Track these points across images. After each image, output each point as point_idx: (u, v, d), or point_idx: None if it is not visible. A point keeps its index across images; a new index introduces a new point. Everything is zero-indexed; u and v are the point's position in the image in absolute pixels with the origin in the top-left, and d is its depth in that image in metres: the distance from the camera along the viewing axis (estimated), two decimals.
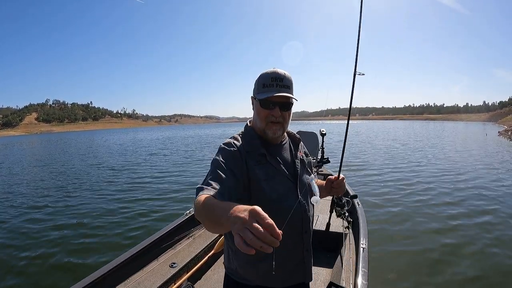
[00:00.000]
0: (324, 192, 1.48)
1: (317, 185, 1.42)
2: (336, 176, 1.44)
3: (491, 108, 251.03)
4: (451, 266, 3.98)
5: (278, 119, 1.19)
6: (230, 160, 1.15)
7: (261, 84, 1.19)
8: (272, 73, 1.18)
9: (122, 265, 2.43)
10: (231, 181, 1.08)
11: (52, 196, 8.63)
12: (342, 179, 1.44)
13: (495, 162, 12.71)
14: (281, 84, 1.16)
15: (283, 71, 1.19)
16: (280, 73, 1.17)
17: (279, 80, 1.16)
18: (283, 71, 1.19)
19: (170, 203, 7.23)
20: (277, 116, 1.18)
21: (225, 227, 0.76)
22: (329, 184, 1.46)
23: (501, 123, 74.43)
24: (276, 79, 1.16)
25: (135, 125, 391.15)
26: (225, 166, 1.12)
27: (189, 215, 3.30)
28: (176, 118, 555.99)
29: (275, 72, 1.18)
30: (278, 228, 1.22)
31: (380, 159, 14.06)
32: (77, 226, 5.93)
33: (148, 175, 11.26)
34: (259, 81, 1.21)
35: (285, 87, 1.17)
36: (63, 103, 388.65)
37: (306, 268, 1.31)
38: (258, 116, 1.23)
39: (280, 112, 1.18)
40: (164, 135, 55.40)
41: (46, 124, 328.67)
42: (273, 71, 1.18)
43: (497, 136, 30.98)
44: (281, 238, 0.63)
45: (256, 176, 1.17)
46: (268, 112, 1.18)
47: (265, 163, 1.21)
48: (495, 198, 6.99)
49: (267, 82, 1.17)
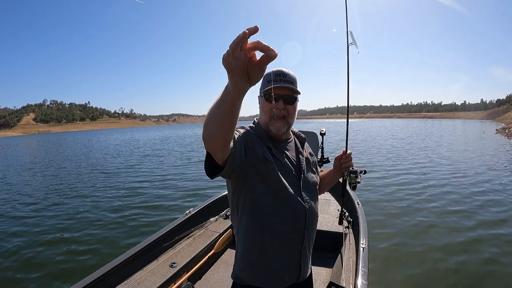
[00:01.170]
0: (335, 173, 1.53)
1: (325, 174, 1.56)
2: (344, 151, 1.50)
3: (489, 106, 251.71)
4: (452, 266, 3.97)
5: (282, 112, 1.23)
6: (243, 133, 1.20)
7: (265, 80, 1.25)
8: (276, 71, 1.23)
9: (122, 265, 2.43)
10: (239, 140, 1.12)
11: (41, 201, 8.43)
12: (350, 153, 1.49)
13: (497, 161, 12.75)
14: (285, 79, 1.21)
15: (287, 69, 1.24)
16: (284, 70, 1.23)
17: (282, 76, 1.21)
18: (287, 69, 1.24)
19: (163, 210, 6.96)
20: (280, 108, 1.22)
21: (225, 91, 0.75)
22: (338, 162, 1.50)
23: (499, 121, 74.59)
24: (280, 75, 1.22)
25: (133, 124, 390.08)
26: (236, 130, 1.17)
27: (189, 215, 3.30)
28: (174, 118, 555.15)
29: (279, 69, 1.23)
30: (281, 219, 1.24)
31: (380, 158, 14.09)
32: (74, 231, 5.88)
33: (145, 178, 10.99)
34: (264, 78, 1.25)
35: (288, 82, 1.22)
36: (60, 103, 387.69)
37: (303, 266, 1.32)
38: (263, 111, 1.28)
39: (284, 105, 1.23)
40: (161, 135, 55.08)
41: (44, 124, 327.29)
42: (277, 69, 1.24)
43: (495, 134, 31.05)
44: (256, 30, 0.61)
45: (270, 157, 1.22)
46: (272, 105, 1.21)
47: (272, 155, 1.25)
48: (501, 199, 6.95)
49: (271, 78, 1.21)
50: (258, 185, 1.19)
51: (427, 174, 9.83)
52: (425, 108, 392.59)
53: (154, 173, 12.03)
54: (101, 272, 2.26)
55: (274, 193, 1.20)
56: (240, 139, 1.11)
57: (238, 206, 1.26)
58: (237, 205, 1.26)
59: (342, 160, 1.48)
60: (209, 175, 1.05)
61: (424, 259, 4.15)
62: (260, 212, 1.21)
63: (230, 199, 1.30)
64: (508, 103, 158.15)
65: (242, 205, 1.24)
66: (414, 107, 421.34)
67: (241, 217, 1.25)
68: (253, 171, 1.17)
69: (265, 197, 1.20)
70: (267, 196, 1.19)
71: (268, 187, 1.19)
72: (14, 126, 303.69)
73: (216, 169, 1.03)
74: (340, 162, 1.49)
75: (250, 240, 1.25)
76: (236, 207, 1.27)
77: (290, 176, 1.26)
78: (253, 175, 1.17)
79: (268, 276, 1.26)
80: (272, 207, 1.21)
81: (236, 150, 1.05)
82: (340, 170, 1.51)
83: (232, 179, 1.20)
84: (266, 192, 1.19)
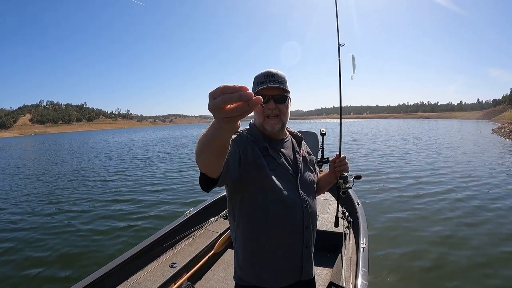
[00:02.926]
0: (331, 176, 1.54)
1: (322, 176, 1.56)
2: (337, 155, 1.51)
3: (485, 106, 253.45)
4: (452, 266, 3.98)
5: (274, 111, 1.26)
6: (236, 140, 1.21)
7: (255, 83, 1.28)
8: (265, 72, 1.27)
9: (122, 265, 2.42)
10: (232, 150, 1.12)
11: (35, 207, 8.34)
12: (344, 157, 1.49)
13: (491, 157, 12.83)
14: (273, 80, 1.24)
15: (275, 70, 1.28)
16: (272, 71, 1.27)
17: (271, 77, 1.25)
18: (275, 70, 1.28)
19: (163, 211, 6.92)
20: (272, 108, 1.25)
21: (215, 131, 0.71)
22: (332, 165, 1.51)
23: (495, 121, 75.09)
24: (268, 76, 1.25)
25: (130, 125, 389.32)
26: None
27: (189, 215, 3.30)
28: (171, 118, 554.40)
29: (268, 71, 1.27)
30: (279, 221, 1.26)
31: (380, 157, 14.16)
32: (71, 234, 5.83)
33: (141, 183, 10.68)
34: (254, 81, 1.29)
35: (277, 83, 1.24)
36: (57, 104, 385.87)
37: (305, 266, 1.33)
38: (256, 112, 1.30)
39: (275, 105, 1.25)
40: (158, 136, 54.92)
41: (40, 125, 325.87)
42: (266, 70, 1.28)
43: (490, 133, 31.24)
44: (247, 89, 0.55)
45: (262, 162, 1.23)
46: (263, 106, 1.24)
47: (267, 156, 1.27)
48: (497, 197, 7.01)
49: (261, 80, 1.26)
50: (254, 189, 1.21)
51: (427, 174, 9.88)
52: (422, 108, 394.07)
53: (154, 174, 12.01)
54: (101, 272, 2.26)
55: (270, 195, 1.22)
56: (233, 149, 1.13)
57: (235, 209, 1.28)
58: (233, 208, 1.29)
59: (336, 163, 1.49)
60: (204, 189, 1.07)
61: (424, 259, 4.16)
62: (257, 214, 1.23)
63: (228, 202, 1.32)
64: (504, 103, 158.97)
65: (239, 208, 1.26)
66: (411, 107, 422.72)
67: (239, 220, 1.27)
68: (248, 178, 1.20)
69: (262, 200, 1.22)
70: (264, 198, 1.21)
71: (264, 190, 1.21)
72: (10, 127, 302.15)
73: (211, 182, 1.03)
74: (333, 165, 1.50)
75: (250, 241, 1.27)
76: (233, 210, 1.30)
77: (287, 176, 1.29)
78: (248, 181, 1.20)
79: (270, 276, 1.27)
80: (270, 208, 1.22)
81: (230, 165, 1.07)
82: (334, 174, 1.52)
83: (228, 186, 1.25)
84: (262, 195, 1.21)
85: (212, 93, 0.58)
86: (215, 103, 0.56)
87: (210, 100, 0.58)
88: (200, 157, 0.86)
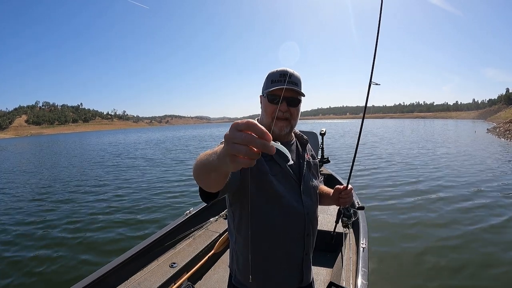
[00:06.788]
0: (332, 201, 1.45)
1: (324, 192, 1.45)
2: (344, 186, 1.40)
3: (481, 106, 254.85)
4: (452, 266, 3.99)
5: (285, 114, 1.19)
6: None
7: (269, 80, 1.20)
8: (281, 70, 1.19)
9: (122, 265, 2.42)
10: None
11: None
12: (351, 189, 1.40)
13: (486, 156, 12.92)
14: (289, 80, 1.16)
15: (292, 70, 1.20)
16: (289, 70, 1.19)
17: (287, 77, 1.16)
18: (292, 70, 1.20)
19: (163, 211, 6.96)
20: (283, 110, 1.17)
21: (218, 166, 0.65)
22: (336, 194, 1.41)
23: (490, 121, 75.69)
24: (284, 75, 1.17)
25: (126, 126, 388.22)
26: None
27: (189, 215, 3.29)
28: (167, 119, 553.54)
29: (284, 69, 1.19)
30: (280, 228, 1.21)
31: (379, 157, 14.20)
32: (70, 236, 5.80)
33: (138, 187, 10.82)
34: (268, 78, 1.21)
35: (293, 84, 1.17)
36: (53, 105, 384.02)
37: (304, 273, 1.30)
38: (265, 112, 1.22)
39: (287, 108, 1.18)
40: (155, 137, 54.66)
41: (36, 126, 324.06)
42: (282, 69, 1.20)
43: (486, 133, 31.43)
44: (271, 139, 0.52)
45: (264, 168, 1.17)
46: (275, 107, 1.16)
47: (270, 160, 1.20)
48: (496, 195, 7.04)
49: (276, 78, 1.17)
50: (255, 195, 1.15)
51: (427, 174, 9.92)
52: (418, 108, 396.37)
53: (154, 174, 11.98)
54: (101, 272, 2.25)
55: (272, 202, 1.17)
56: None
57: (235, 213, 1.23)
58: (234, 213, 1.24)
59: (341, 195, 1.39)
60: (205, 202, 1.01)
61: (424, 259, 4.15)
62: (258, 220, 1.17)
63: (228, 206, 1.27)
64: (500, 103, 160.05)
65: (240, 213, 1.20)
66: (407, 107, 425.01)
67: (240, 225, 1.22)
68: (259, 174, 1.15)
69: (263, 206, 1.17)
70: (265, 204, 1.16)
71: (266, 196, 1.16)
72: (6, 128, 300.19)
73: (211, 195, 0.96)
74: (338, 195, 1.41)
75: (250, 248, 1.20)
76: (234, 214, 1.24)
77: (290, 181, 1.23)
78: (258, 176, 1.15)
79: (270, 283, 1.24)
80: (271, 215, 1.18)
81: (230, 177, 0.97)
82: (337, 202, 1.43)
83: (229, 192, 1.16)
84: (263, 201, 1.16)
85: (237, 125, 0.53)
86: (235, 136, 0.52)
87: (231, 129, 0.53)
88: (199, 179, 0.81)
